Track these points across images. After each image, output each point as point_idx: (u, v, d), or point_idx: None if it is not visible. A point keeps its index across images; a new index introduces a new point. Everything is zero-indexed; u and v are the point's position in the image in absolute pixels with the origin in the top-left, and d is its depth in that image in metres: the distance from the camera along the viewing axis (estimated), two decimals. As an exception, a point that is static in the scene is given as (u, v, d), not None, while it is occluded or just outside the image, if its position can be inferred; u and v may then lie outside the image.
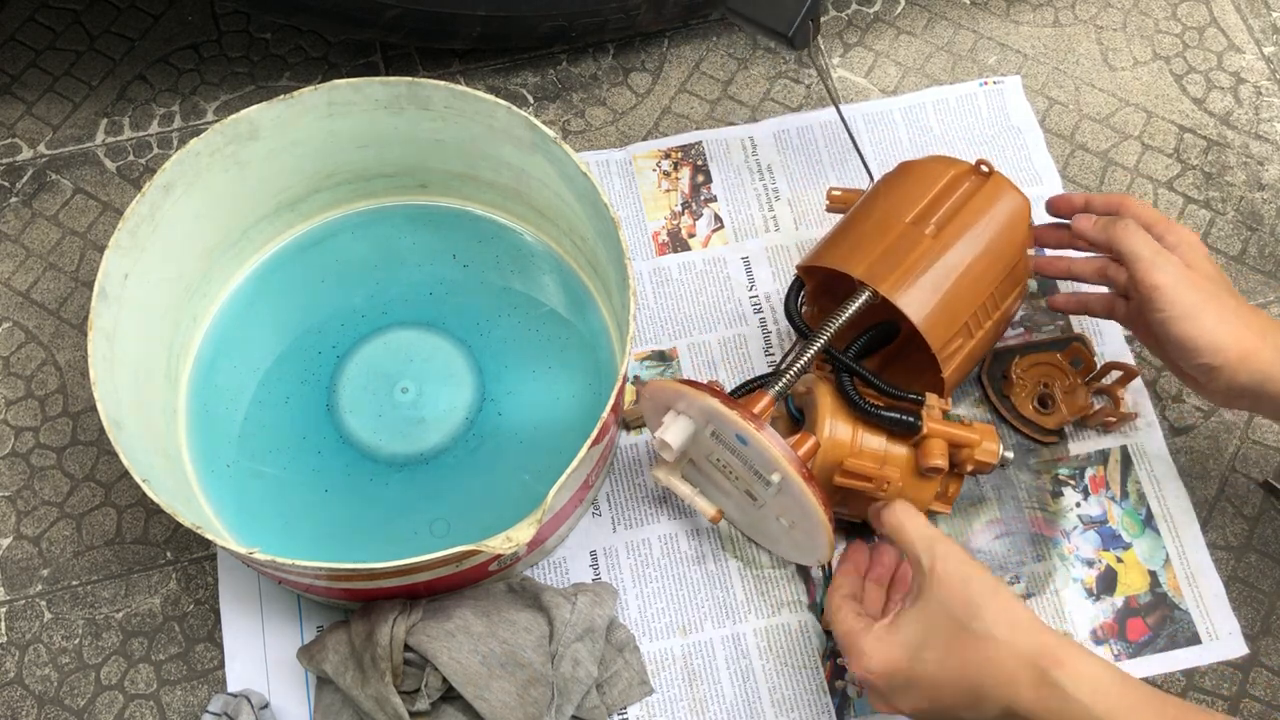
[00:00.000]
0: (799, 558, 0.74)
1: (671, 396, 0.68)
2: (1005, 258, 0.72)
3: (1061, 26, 0.97)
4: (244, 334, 0.81)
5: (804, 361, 0.68)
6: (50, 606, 0.76)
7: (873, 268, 0.69)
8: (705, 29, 0.97)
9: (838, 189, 0.79)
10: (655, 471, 0.72)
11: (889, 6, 0.98)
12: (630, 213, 0.88)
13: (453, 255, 0.83)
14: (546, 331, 0.81)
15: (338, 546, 0.74)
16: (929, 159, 0.75)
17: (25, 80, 0.95)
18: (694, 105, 0.93)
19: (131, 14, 0.97)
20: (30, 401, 0.83)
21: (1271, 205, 0.89)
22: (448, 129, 0.76)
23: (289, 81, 0.95)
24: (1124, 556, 0.77)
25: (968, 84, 0.93)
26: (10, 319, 0.85)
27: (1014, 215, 0.72)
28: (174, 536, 0.78)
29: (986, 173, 0.73)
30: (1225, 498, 0.79)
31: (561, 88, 0.94)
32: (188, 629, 0.76)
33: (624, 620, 0.75)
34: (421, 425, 0.78)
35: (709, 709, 0.73)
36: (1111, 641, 0.75)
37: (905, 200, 0.72)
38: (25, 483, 0.80)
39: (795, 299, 0.75)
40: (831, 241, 0.74)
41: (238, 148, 0.73)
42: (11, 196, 0.90)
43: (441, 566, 0.63)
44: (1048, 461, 0.80)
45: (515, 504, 0.75)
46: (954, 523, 0.78)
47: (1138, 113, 0.93)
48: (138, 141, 0.92)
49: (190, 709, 0.74)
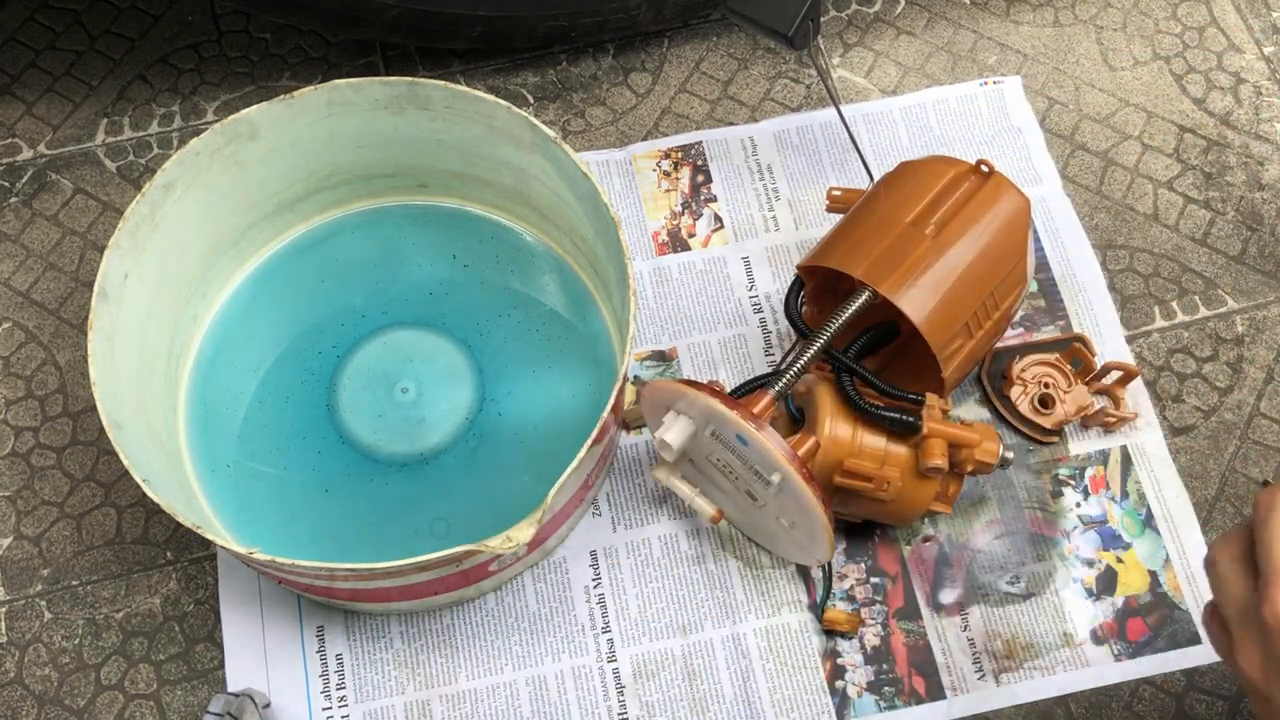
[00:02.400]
0: (799, 558, 0.74)
1: (672, 396, 0.68)
2: (1005, 258, 0.72)
3: (1061, 26, 0.97)
4: (244, 334, 0.81)
5: (804, 361, 0.68)
6: (50, 606, 0.76)
7: (873, 268, 0.69)
8: (705, 29, 0.97)
9: (838, 189, 0.79)
10: (655, 471, 0.72)
11: (889, 6, 0.98)
12: (630, 213, 0.88)
13: (453, 255, 0.83)
14: (546, 331, 0.81)
15: (338, 546, 0.74)
16: (929, 159, 0.75)
17: (25, 80, 0.95)
18: (694, 105, 0.93)
19: (131, 14, 0.97)
20: (30, 401, 0.83)
21: (1271, 205, 0.89)
22: (448, 129, 0.76)
23: (289, 81, 0.95)
24: (1124, 556, 0.77)
25: (968, 84, 0.93)
26: (10, 319, 0.85)
27: (1014, 215, 0.72)
28: (174, 536, 0.78)
29: (987, 173, 0.73)
30: (1225, 498, 0.79)
31: (561, 88, 0.94)
32: (188, 629, 0.76)
33: (624, 620, 0.75)
34: (421, 425, 0.78)
35: (709, 709, 0.73)
36: (1111, 641, 0.75)
37: (905, 200, 0.72)
38: (25, 483, 0.80)
39: (795, 299, 0.75)
40: (831, 241, 0.74)
41: (238, 148, 0.73)
42: (11, 196, 0.90)
43: (441, 566, 0.63)
44: (1048, 461, 0.80)
45: (515, 504, 0.75)
46: (954, 523, 0.78)
47: (1138, 113, 0.93)
48: (138, 141, 0.92)
49: (190, 709, 0.74)
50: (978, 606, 0.76)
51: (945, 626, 0.75)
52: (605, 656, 0.74)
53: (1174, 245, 0.87)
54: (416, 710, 0.73)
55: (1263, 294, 0.86)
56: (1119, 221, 0.88)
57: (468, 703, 0.73)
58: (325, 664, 0.74)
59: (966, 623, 0.75)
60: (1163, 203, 0.89)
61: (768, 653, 0.74)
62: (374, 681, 0.74)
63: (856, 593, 0.76)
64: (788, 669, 0.74)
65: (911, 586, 0.76)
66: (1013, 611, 0.75)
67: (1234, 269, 0.87)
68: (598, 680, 0.74)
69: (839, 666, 0.74)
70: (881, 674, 0.74)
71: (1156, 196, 0.89)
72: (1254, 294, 0.86)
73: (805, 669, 0.74)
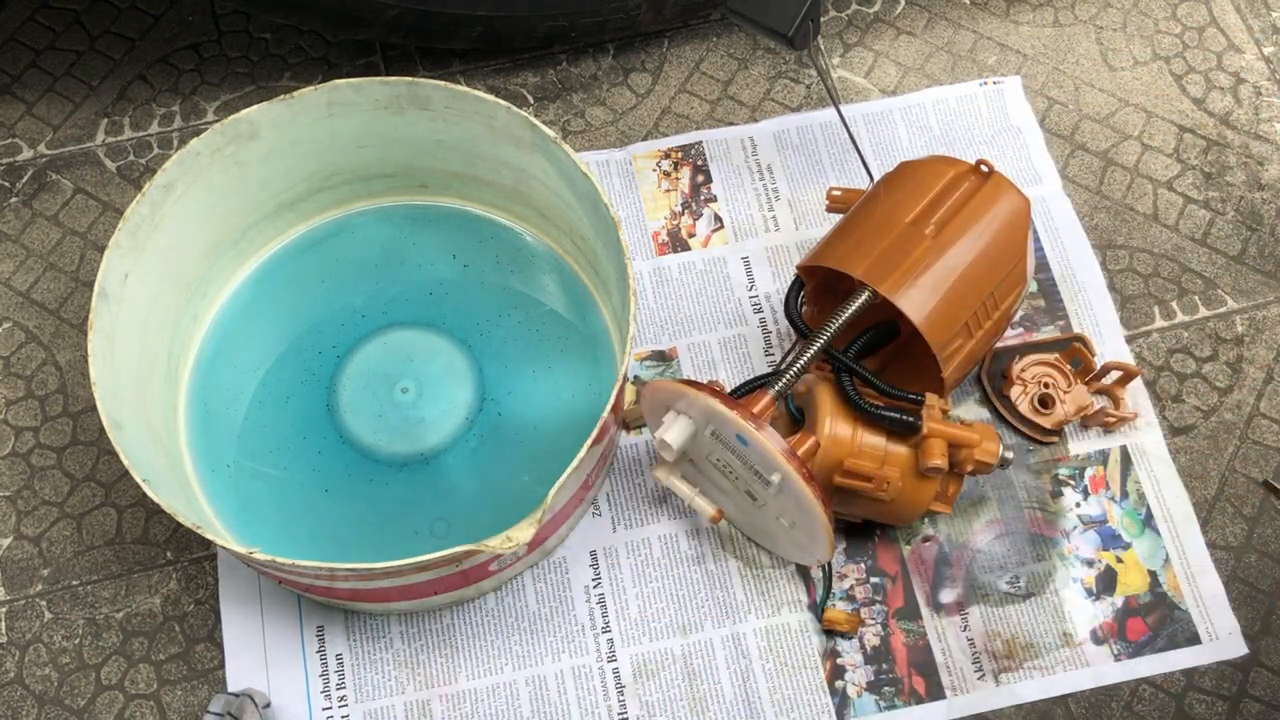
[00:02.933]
0: (799, 557, 0.74)
1: (672, 396, 0.68)
2: (1005, 258, 0.72)
3: (1061, 26, 0.97)
4: (244, 334, 0.81)
5: (804, 361, 0.68)
6: (50, 606, 0.76)
7: (873, 268, 0.69)
8: (705, 29, 0.97)
9: (838, 189, 0.79)
10: (655, 471, 0.72)
11: (889, 6, 0.98)
12: (630, 213, 0.88)
13: (453, 255, 0.83)
14: (546, 331, 0.81)
15: (338, 546, 0.74)
16: (929, 159, 0.75)
17: (25, 80, 0.95)
18: (694, 105, 0.93)
19: (132, 14, 0.97)
20: (30, 401, 0.83)
21: (1271, 205, 0.89)
22: (448, 129, 0.76)
23: (289, 81, 0.95)
24: (1124, 556, 0.77)
25: (968, 84, 0.93)
26: (10, 319, 0.85)
27: (1014, 215, 0.72)
28: (174, 536, 0.78)
29: (986, 173, 0.73)
30: (1225, 498, 0.79)
31: (561, 88, 0.94)
32: (188, 629, 0.76)
33: (624, 620, 0.75)
34: (421, 425, 0.78)
35: (709, 709, 0.73)
36: (1111, 641, 0.75)
37: (905, 200, 0.72)
38: (25, 483, 0.80)
39: (795, 299, 0.75)
40: (831, 241, 0.74)
41: (238, 148, 0.74)
42: (12, 196, 0.90)
43: (441, 566, 0.64)
44: (1048, 461, 0.80)
45: (515, 504, 0.75)
46: (954, 523, 0.78)
47: (1138, 113, 0.93)
48: (138, 141, 0.92)
49: (190, 709, 0.74)
50: (977, 606, 0.76)
51: (945, 626, 0.75)
52: (605, 656, 0.75)
53: (1174, 245, 0.87)
54: (416, 710, 0.73)
55: (1262, 294, 0.86)
56: (1119, 221, 0.88)
57: (468, 703, 0.73)
58: (325, 664, 0.74)
59: (966, 623, 0.75)
60: (1162, 203, 0.89)
61: (768, 652, 0.74)
62: (374, 681, 0.74)
63: (856, 593, 0.76)
64: (788, 669, 0.74)
65: (911, 586, 0.76)
66: (1012, 611, 0.75)
67: (1234, 269, 0.87)
68: (598, 680, 0.74)
69: (839, 666, 0.74)
70: (881, 674, 0.74)
71: (1156, 196, 0.90)
72: (1254, 294, 0.86)
73: (805, 669, 0.74)
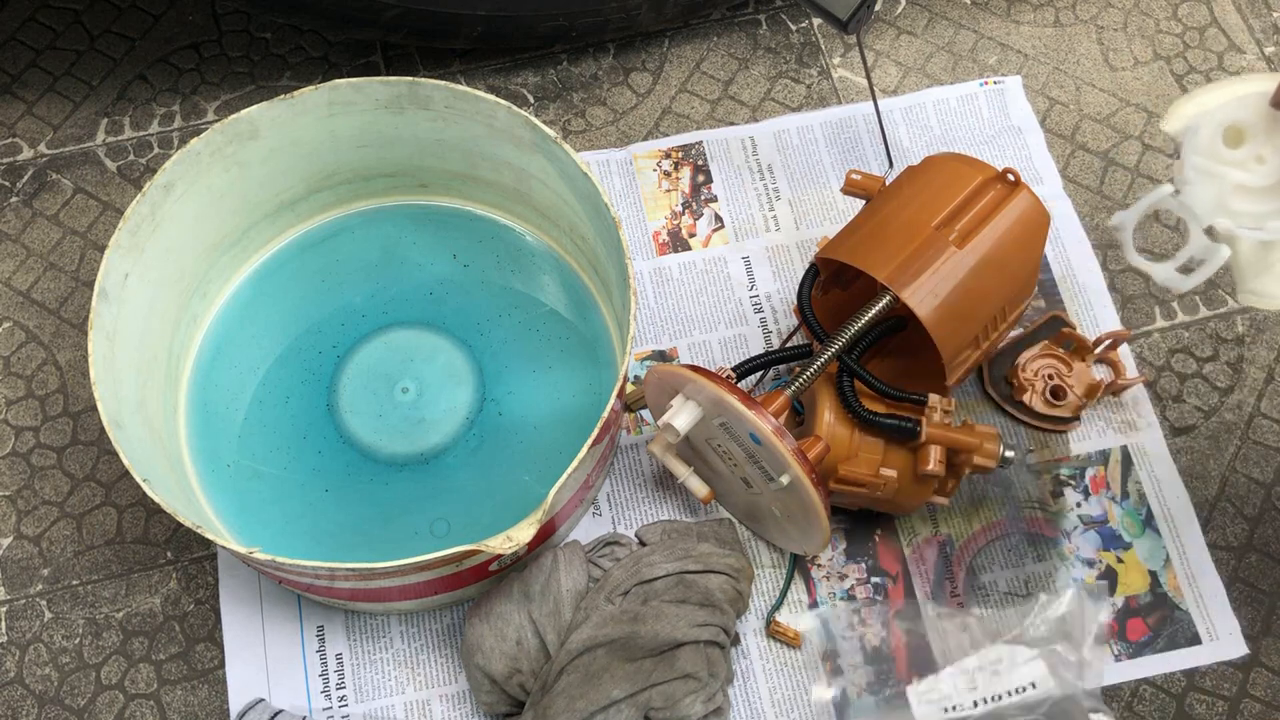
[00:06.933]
0: (789, 545, 0.74)
1: (680, 381, 0.68)
2: (1022, 272, 0.71)
3: (1062, 26, 0.97)
4: (244, 334, 0.81)
5: (822, 362, 0.68)
6: (50, 606, 0.76)
7: (897, 272, 0.68)
8: (705, 29, 0.97)
9: (858, 173, 0.76)
10: (652, 446, 0.72)
11: (889, 6, 0.98)
12: (630, 213, 0.88)
13: (453, 255, 0.83)
14: (547, 331, 0.81)
15: (338, 546, 0.74)
16: (955, 157, 0.74)
17: (25, 80, 0.95)
18: (694, 105, 0.93)
19: (132, 14, 0.97)
20: (30, 401, 0.83)
21: (1272, 205, 0.89)
22: (448, 129, 0.76)
23: (289, 81, 0.95)
24: (1124, 557, 0.77)
25: (968, 84, 0.93)
26: (10, 319, 0.85)
27: (1036, 230, 0.71)
28: (174, 536, 0.78)
29: (1013, 182, 0.71)
30: (1225, 498, 0.79)
31: (562, 88, 0.94)
32: (188, 629, 0.76)
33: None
34: (421, 425, 0.78)
35: (709, 709, 0.73)
36: (1111, 642, 0.75)
37: (932, 202, 0.71)
38: (25, 482, 0.80)
39: (809, 288, 0.73)
40: (856, 235, 0.72)
41: (238, 147, 0.74)
42: (12, 196, 0.90)
43: (441, 566, 0.64)
44: (1048, 461, 0.80)
45: (515, 504, 0.75)
46: (954, 523, 0.78)
47: (1138, 113, 0.93)
48: (138, 141, 0.92)
49: (190, 709, 0.74)
50: (978, 607, 0.76)
51: (946, 627, 0.75)
52: (605, 656, 0.74)
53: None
54: (416, 710, 0.73)
55: (1263, 294, 0.86)
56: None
57: (468, 703, 0.73)
58: (325, 664, 0.74)
59: (967, 623, 0.75)
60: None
61: (768, 653, 0.74)
62: (374, 681, 0.74)
63: (857, 592, 0.76)
64: (788, 669, 0.74)
65: (912, 586, 0.76)
66: (1013, 612, 0.75)
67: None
68: (598, 680, 0.74)
69: (839, 666, 0.74)
70: (881, 674, 0.74)
71: (1157, 196, 0.89)
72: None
73: (805, 669, 0.74)
